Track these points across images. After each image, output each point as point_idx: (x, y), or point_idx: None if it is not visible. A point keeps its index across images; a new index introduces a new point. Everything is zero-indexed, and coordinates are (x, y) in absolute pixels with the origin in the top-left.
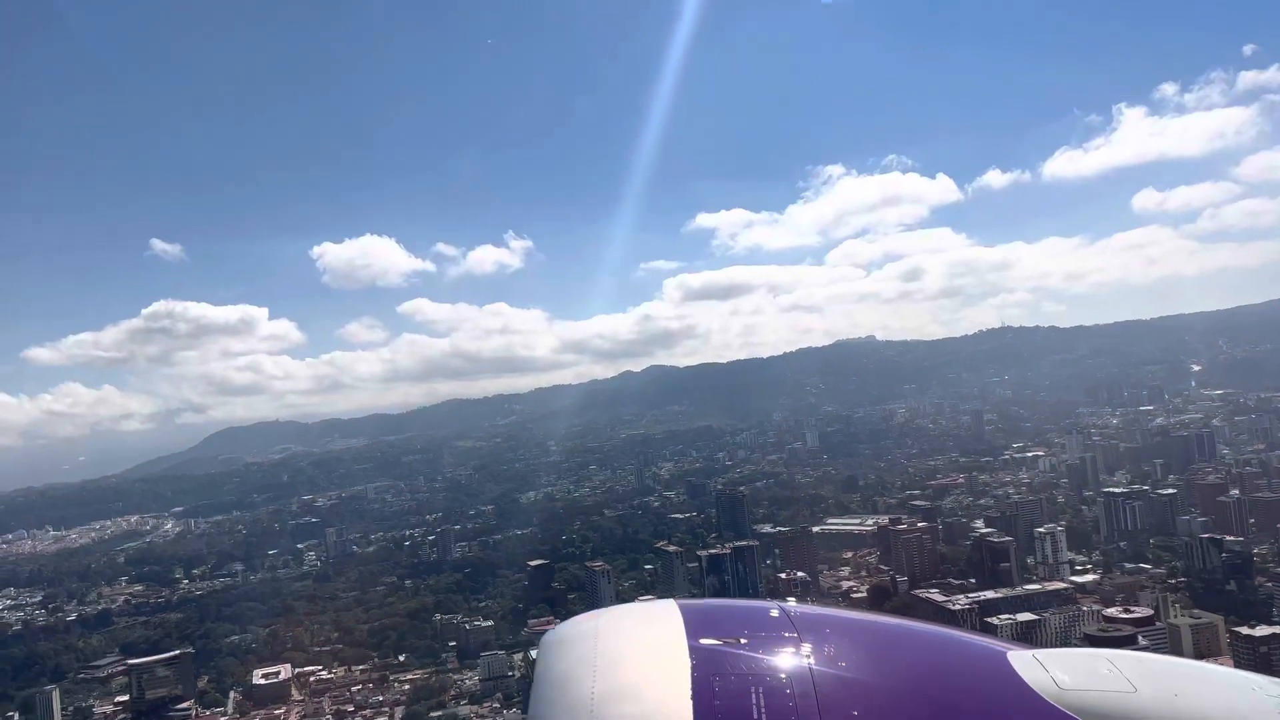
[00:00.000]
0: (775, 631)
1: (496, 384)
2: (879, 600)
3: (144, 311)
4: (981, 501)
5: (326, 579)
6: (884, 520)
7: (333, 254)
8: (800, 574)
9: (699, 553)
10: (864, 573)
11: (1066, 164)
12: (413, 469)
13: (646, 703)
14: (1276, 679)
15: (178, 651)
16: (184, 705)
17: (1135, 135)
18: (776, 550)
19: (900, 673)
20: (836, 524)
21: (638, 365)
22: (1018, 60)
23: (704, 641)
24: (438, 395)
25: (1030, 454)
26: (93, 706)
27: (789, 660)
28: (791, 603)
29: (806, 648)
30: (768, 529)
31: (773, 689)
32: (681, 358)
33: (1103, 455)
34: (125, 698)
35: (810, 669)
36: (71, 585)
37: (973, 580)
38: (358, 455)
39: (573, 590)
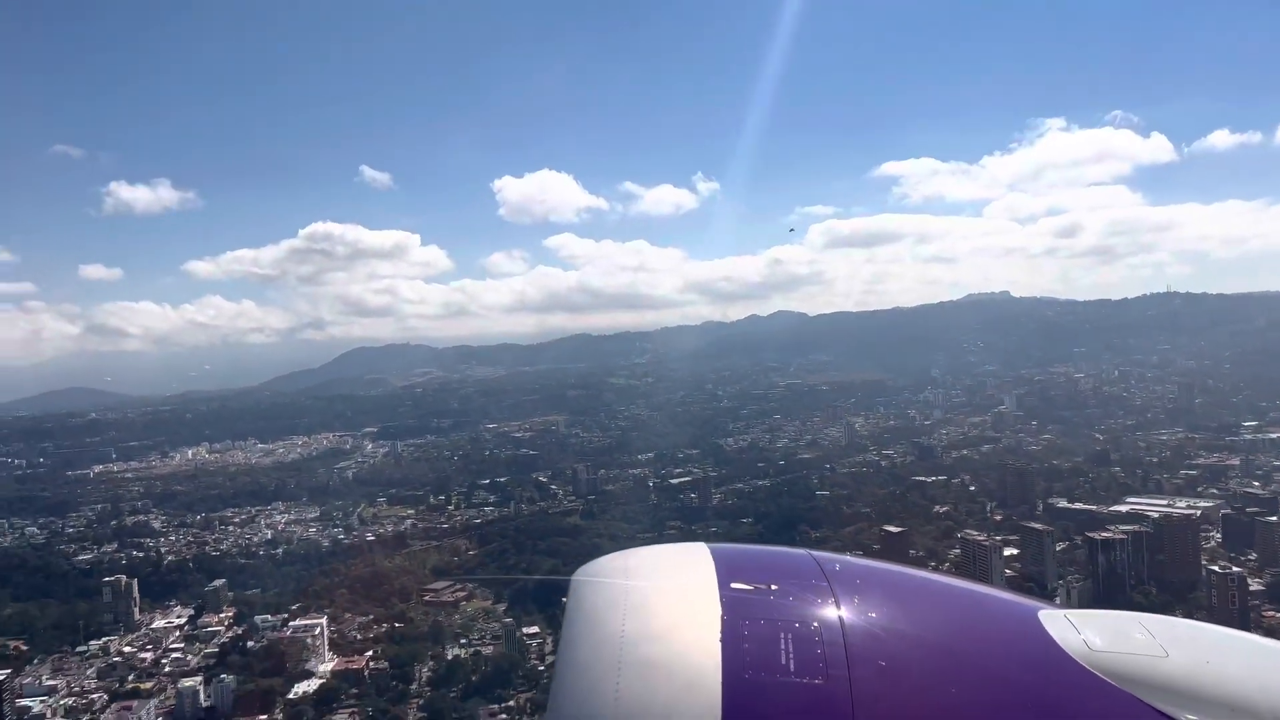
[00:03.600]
0: (806, 579)
1: (605, 319)
2: None
3: (302, 232)
4: (1273, 487)
5: (592, 515)
6: (1204, 505)
7: (512, 188)
8: (1236, 568)
9: (1091, 535)
10: (1224, 564)
11: None
12: (580, 405)
13: (676, 644)
14: None
15: None
16: None
17: None
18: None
19: (930, 626)
20: (1140, 504)
21: (761, 309)
22: None
23: (735, 586)
24: (549, 325)
25: (1276, 434)
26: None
27: (819, 608)
28: (822, 551)
29: (837, 597)
30: (1063, 504)
31: (802, 636)
32: (798, 303)
33: None
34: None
35: (840, 618)
36: (334, 504)
37: None
38: (520, 386)
39: (934, 561)
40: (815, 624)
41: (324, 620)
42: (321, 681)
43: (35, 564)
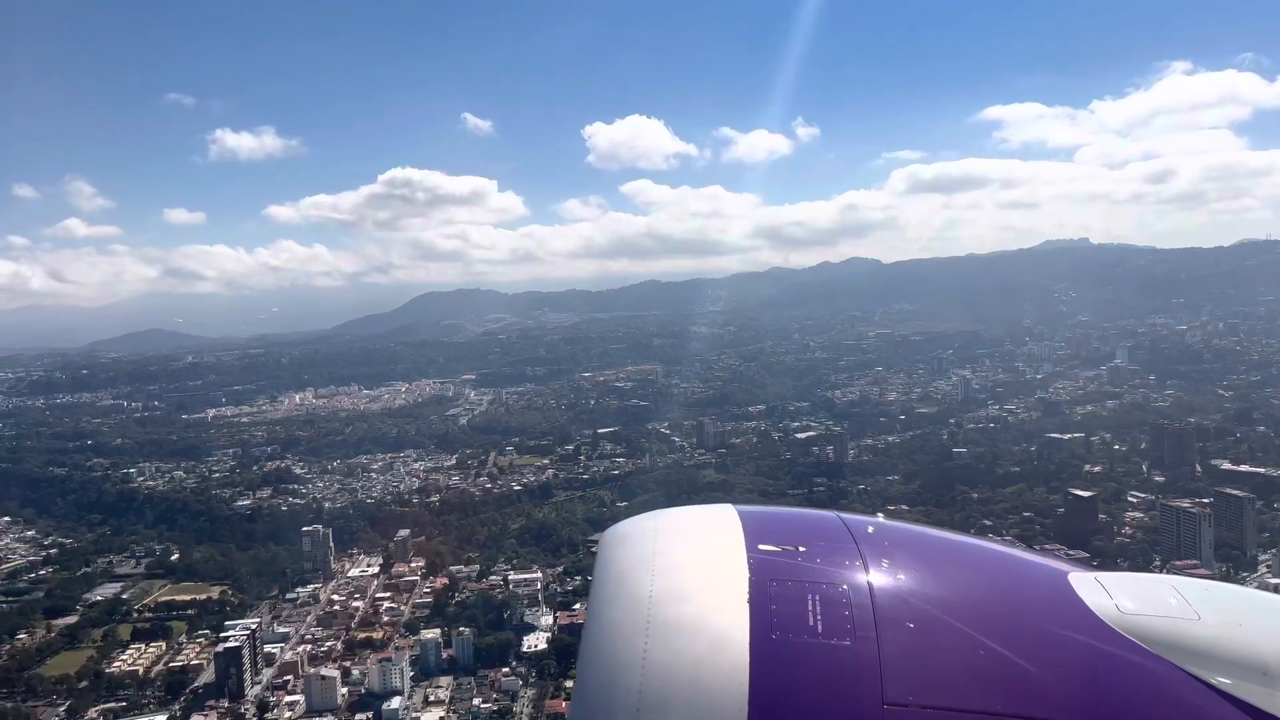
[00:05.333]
0: (834, 541)
1: (668, 264)
2: None
3: (381, 177)
4: None
5: (726, 469)
6: None
7: (602, 134)
8: None
9: None
10: None
11: None
12: (668, 354)
13: (703, 604)
14: None
15: None
16: None
17: None
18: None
19: (959, 589)
20: None
21: (829, 255)
22: None
23: (762, 547)
24: (611, 270)
25: None
26: None
27: (847, 570)
28: (850, 513)
29: (865, 558)
30: (1226, 466)
31: (830, 597)
32: (867, 249)
33: None
34: None
35: (868, 580)
36: (464, 452)
37: None
38: (602, 334)
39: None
40: (843, 586)
41: (540, 574)
42: (549, 635)
43: (197, 509)
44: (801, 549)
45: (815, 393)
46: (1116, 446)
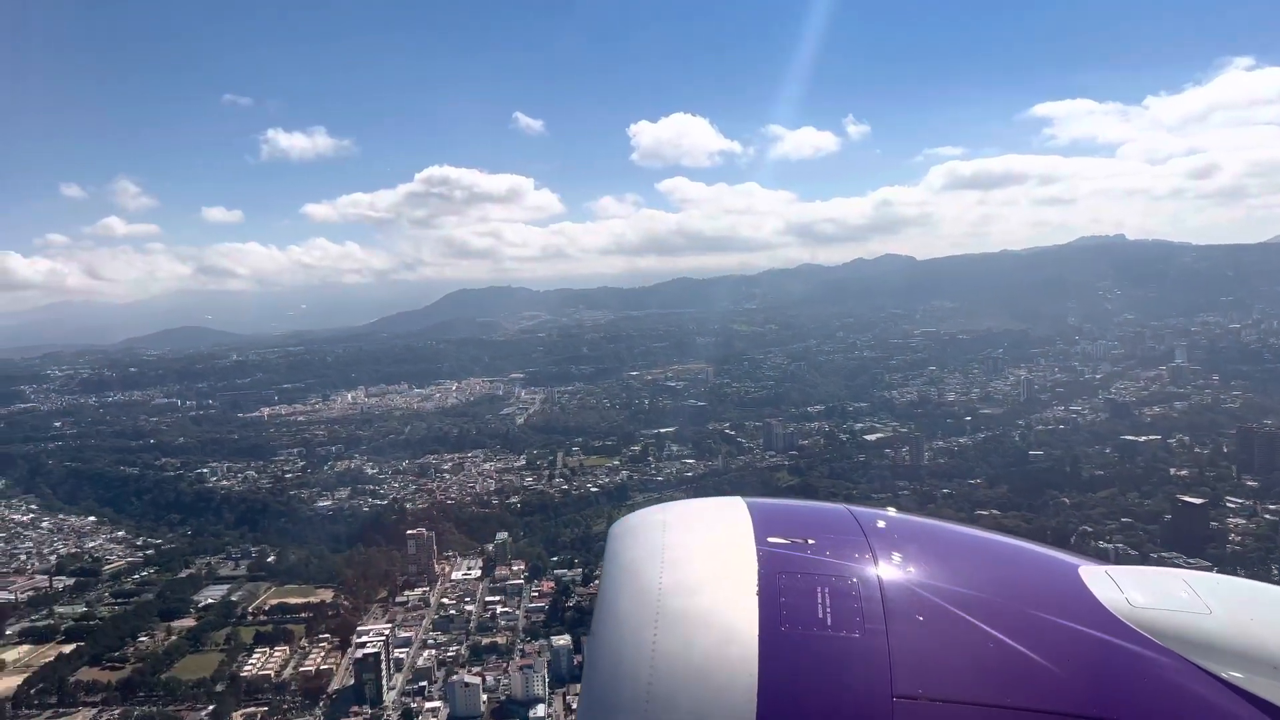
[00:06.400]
0: (844, 534)
1: (696, 261)
2: None
3: (419, 176)
4: None
5: (800, 472)
6: None
7: (647, 132)
8: None
9: None
10: None
11: None
12: (714, 352)
13: (713, 597)
14: None
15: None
16: None
17: None
18: None
19: (970, 581)
20: None
21: (861, 252)
22: None
23: (772, 540)
24: (639, 267)
25: None
26: None
27: (856, 563)
28: (860, 506)
29: (875, 551)
30: None
31: (839, 590)
32: (898, 245)
33: None
34: None
35: (878, 572)
36: (530, 452)
37: None
38: (644, 332)
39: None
40: (853, 579)
41: None
42: None
43: (277, 509)
44: (811, 541)
45: (872, 393)
46: (1197, 449)
